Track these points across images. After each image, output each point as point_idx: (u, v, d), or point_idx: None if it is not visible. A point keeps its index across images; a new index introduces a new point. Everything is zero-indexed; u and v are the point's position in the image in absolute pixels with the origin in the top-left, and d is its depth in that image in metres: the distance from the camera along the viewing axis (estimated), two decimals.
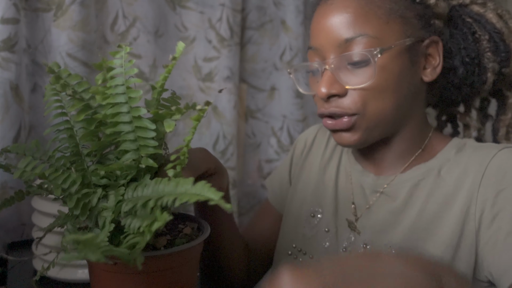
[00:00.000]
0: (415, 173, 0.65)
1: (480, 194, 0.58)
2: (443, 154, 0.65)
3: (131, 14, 1.10)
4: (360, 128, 0.62)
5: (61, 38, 0.95)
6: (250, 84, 1.34)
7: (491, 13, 0.68)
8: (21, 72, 0.90)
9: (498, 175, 0.58)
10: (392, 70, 0.60)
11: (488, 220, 0.57)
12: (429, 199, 0.63)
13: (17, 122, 0.90)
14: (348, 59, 0.61)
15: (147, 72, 1.13)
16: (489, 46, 0.67)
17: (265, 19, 1.32)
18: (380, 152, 0.68)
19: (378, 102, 0.61)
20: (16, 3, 0.87)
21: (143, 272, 0.41)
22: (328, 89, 0.61)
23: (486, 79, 0.68)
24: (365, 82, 0.60)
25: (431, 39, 0.64)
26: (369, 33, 0.59)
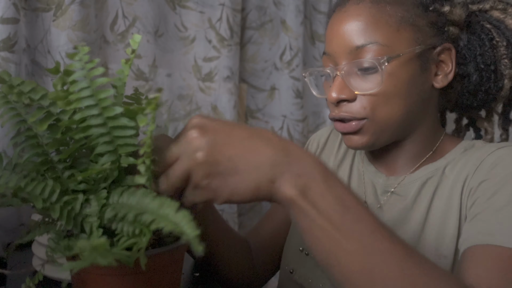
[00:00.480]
0: (424, 172, 0.67)
1: (469, 184, 0.61)
2: (451, 154, 0.67)
3: (131, 14, 1.10)
4: (369, 132, 0.64)
5: (61, 38, 0.95)
6: (250, 84, 1.34)
7: (511, 19, 0.68)
8: (20, 72, 0.90)
9: (487, 168, 0.60)
10: (401, 77, 0.62)
11: (469, 208, 0.59)
12: (435, 196, 0.65)
13: None
14: (358, 66, 0.62)
15: (147, 72, 1.13)
16: (506, 53, 0.67)
17: (265, 19, 1.32)
18: (392, 154, 0.70)
19: (386, 107, 0.62)
20: (15, 3, 0.87)
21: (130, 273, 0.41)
22: (338, 94, 0.63)
23: (502, 85, 0.69)
24: (373, 89, 0.61)
25: (444, 46, 0.64)
26: (379, 41, 0.61)
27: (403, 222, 0.66)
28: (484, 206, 0.57)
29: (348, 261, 0.42)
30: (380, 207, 0.69)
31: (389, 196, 0.69)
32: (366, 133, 0.64)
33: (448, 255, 0.61)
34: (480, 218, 0.56)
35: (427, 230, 0.64)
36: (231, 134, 0.42)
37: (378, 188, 0.71)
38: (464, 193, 0.61)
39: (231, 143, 0.42)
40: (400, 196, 0.68)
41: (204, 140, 0.41)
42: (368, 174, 0.74)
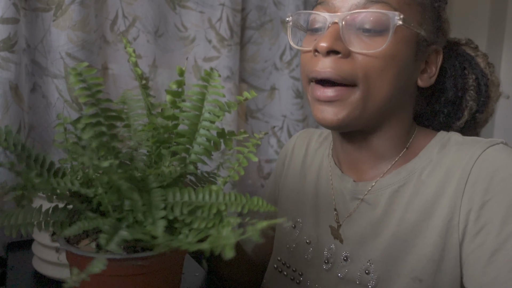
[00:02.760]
0: (396, 178, 0.61)
1: (463, 203, 0.54)
2: (425, 152, 0.61)
3: (131, 14, 1.10)
4: (351, 104, 0.56)
5: (61, 38, 0.95)
6: (250, 84, 1.34)
7: (481, 59, 0.69)
8: (20, 72, 0.90)
9: (483, 182, 0.53)
10: (401, 50, 0.56)
11: (473, 233, 0.53)
12: (408, 207, 0.58)
13: (16, 122, 0.89)
14: (362, 23, 0.55)
15: (147, 72, 1.13)
16: (474, 85, 0.67)
17: (265, 19, 1.32)
18: (360, 153, 0.64)
19: (379, 77, 0.55)
20: (15, 3, 0.87)
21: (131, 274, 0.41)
22: (331, 43, 0.54)
23: (461, 115, 0.67)
24: (376, 48, 0.54)
25: (436, 47, 0.62)
26: (391, 2, 0.55)
27: (373, 236, 0.60)
28: (501, 239, 0.51)
29: None
30: (349, 216, 0.64)
31: (358, 204, 0.63)
32: (347, 105, 0.56)
33: (425, 279, 0.55)
34: (506, 260, 0.50)
35: (400, 248, 0.58)
36: None
37: (347, 194, 0.65)
38: (456, 214, 0.54)
39: None
40: (369, 205, 0.62)
41: None
42: (336, 178, 0.68)
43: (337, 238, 0.65)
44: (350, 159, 0.66)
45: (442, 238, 0.55)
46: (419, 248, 0.56)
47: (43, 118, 0.98)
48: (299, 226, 0.71)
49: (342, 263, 0.63)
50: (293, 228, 0.72)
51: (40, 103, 0.98)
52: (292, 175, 0.77)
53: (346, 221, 0.65)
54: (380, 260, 0.59)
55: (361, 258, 0.61)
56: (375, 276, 0.59)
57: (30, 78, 0.96)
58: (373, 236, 0.61)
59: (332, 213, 0.67)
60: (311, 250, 0.68)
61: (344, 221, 0.65)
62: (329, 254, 0.65)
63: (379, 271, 0.59)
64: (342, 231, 0.65)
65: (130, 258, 0.40)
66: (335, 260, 0.64)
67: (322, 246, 0.66)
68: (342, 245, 0.64)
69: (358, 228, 0.63)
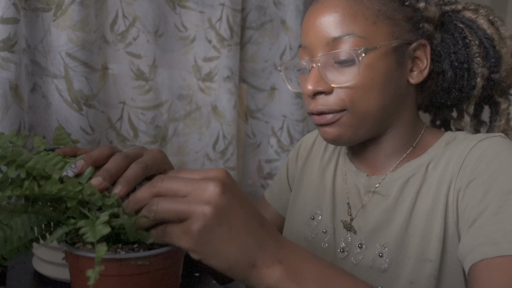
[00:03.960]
0: (405, 170, 0.66)
1: (456, 185, 0.59)
2: (433, 149, 0.66)
3: (131, 14, 1.10)
4: (345, 124, 0.63)
5: (61, 38, 0.95)
6: (250, 84, 1.34)
7: (483, 19, 0.69)
8: (20, 72, 0.90)
9: (472, 165, 0.58)
10: (378, 70, 0.61)
11: (462, 211, 0.58)
12: (418, 196, 0.63)
13: (16, 122, 0.89)
14: (335, 58, 0.62)
15: (146, 72, 1.13)
16: (479, 52, 0.68)
17: (265, 19, 1.32)
18: (372, 152, 0.69)
19: (364, 101, 0.62)
20: (15, 3, 0.87)
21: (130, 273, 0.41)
22: (314, 86, 0.62)
23: (475, 84, 0.69)
24: (350, 81, 0.61)
25: (419, 42, 0.64)
26: (356, 32, 0.61)
27: (386, 223, 0.65)
28: (479, 210, 0.55)
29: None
30: (363, 207, 0.69)
31: (371, 196, 0.68)
32: (342, 125, 0.63)
33: (434, 259, 0.59)
34: (479, 226, 0.54)
35: (411, 232, 0.62)
36: (242, 206, 0.42)
37: (361, 188, 0.70)
38: (450, 194, 0.60)
39: (238, 215, 0.41)
40: (382, 196, 0.67)
41: (220, 198, 0.40)
42: (350, 173, 0.73)
43: (350, 230, 0.69)
44: (363, 157, 0.72)
45: (443, 219, 0.59)
46: (429, 231, 0.60)
47: (43, 118, 0.98)
48: (317, 218, 0.75)
49: (357, 251, 0.67)
50: (312, 219, 0.76)
51: (40, 103, 0.98)
52: (312, 170, 0.81)
53: (360, 213, 0.69)
54: (393, 244, 0.63)
55: (375, 244, 0.65)
56: (387, 259, 0.63)
57: (30, 78, 0.96)
58: (386, 223, 0.65)
59: (345, 207, 0.71)
60: (327, 239, 0.72)
61: (358, 213, 0.69)
62: (345, 244, 0.69)
63: (392, 254, 0.63)
64: (355, 223, 0.69)
65: (130, 258, 0.40)
66: (350, 248, 0.68)
67: (338, 237, 0.70)
68: (356, 235, 0.68)
69: (372, 217, 0.67)
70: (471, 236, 0.54)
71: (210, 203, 0.40)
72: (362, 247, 0.66)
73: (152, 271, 0.42)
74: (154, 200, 0.41)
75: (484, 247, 0.52)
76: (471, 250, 0.53)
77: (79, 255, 0.41)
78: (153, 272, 0.42)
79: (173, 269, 0.45)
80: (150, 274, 0.42)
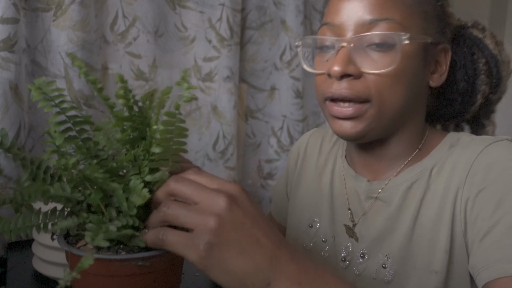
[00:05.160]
0: (408, 175, 0.63)
1: (464, 194, 0.57)
2: (437, 151, 0.64)
3: (131, 14, 1.10)
4: (367, 119, 0.59)
5: (61, 38, 0.95)
6: (250, 84, 1.34)
7: (489, 40, 0.68)
8: (20, 72, 0.90)
9: (481, 173, 0.56)
10: (411, 62, 0.58)
11: (471, 222, 0.55)
12: (422, 203, 0.61)
13: (16, 122, 0.89)
14: (370, 41, 0.57)
15: (146, 72, 1.13)
16: (485, 69, 0.67)
17: (265, 19, 1.32)
18: (377, 154, 0.66)
19: (390, 92, 0.58)
20: (15, 3, 0.87)
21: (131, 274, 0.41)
22: (343, 68, 0.57)
23: (475, 100, 0.68)
24: (386, 67, 0.57)
25: (444, 46, 0.63)
26: (395, 18, 0.57)
27: (389, 232, 0.62)
28: (492, 222, 0.52)
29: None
30: (364, 215, 0.66)
31: (373, 202, 0.65)
32: (363, 120, 0.59)
33: (440, 270, 0.57)
34: (494, 240, 0.52)
35: (416, 242, 0.60)
36: (254, 222, 0.41)
37: (361, 194, 0.67)
38: (457, 203, 0.57)
39: (248, 231, 0.40)
40: (384, 203, 0.64)
41: (227, 213, 0.39)
42: (349, 178, 0.70)
43: (352, 237, 0.66)
44: (364, 160, 0.68)
45: (450, 229, 0.57)
46: (435, 241, 0.58)
47: (43, 118, 0.98)
48: (316, 225, 0.73)
49: (359, 260, 0.64)
50: (310, 227, 0.73)
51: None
52: (307, 175, 0.78)
53: (362, 220, 0.66)
54: (397, 255, 0.61)
55: (378, 254, 0.63)
56: (391, 270, 0.61)
57: (30, 78, 0.96)
58: (389, 231, 0.62)
59: (346, 213, 0.69)
60: (327, 248, 0.70)
61: (360, 220, 0.66)
62: (346, 253, 0.67)
63: (396, 265, 0.60)
64: (357, 230, 0.66)
65: (130, 258, 0.40)
66: (352, 258, 0.66)
67: (338, 245, 0.68)
68: (358, 243, 0.66)
69: (374, 225, 0.64)
70: (486, 250, 0.52)
71: (217, 216, 0.39)
72: (364, 257, 0.64)
73: (152, 272, 0.42)
74: (168, 202, 0.41)
75: (502, 264, 0.50)
76: (486, 266, 0.51)
77: (80, 255, 0.41)
78: (153, 272, 0.42)
79: (173, 269, 0.45)
80: (150, 274, 0.42)
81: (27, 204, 0.44)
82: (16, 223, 0.42)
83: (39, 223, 0.43)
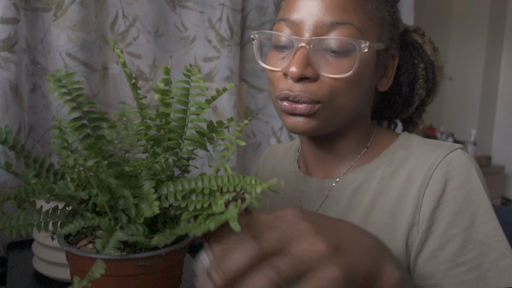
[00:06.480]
0: (358, 175, 0.64)
1: (423, 205, 0.58)
2: (387, 153, 0.65)
3: (131, 14, 1.10)
4: (320, 117, 0.59)
5: (61, 38, 0.95)
6: (250, 84, 1.34)
7: (428, 45, 0.70)
8: (20, 72, 0.90)
9: (439, 187, 0.57)
10: (366, 68, 0.59)
11: (422, 230, 0.57)
12: (374, 205, 0.61)
13: (16, 122, 0.89)
14: (328, 45, 0.57)
15: (147, 72, 1.13)
16: (423, 74, 0.69)
17: (265, 19, 1.32)
18: (327, 151, 0.67)
19: (344, 96, 0.58)
20: (16, 3, 0.87)
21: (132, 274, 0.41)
22: (302, 70, 0.56)
23: (412, 103, 0.70)
24: (344, 73, 0.56)
25: (393, 52, 0.65)
26: (355, 23, 0.57)
27: None
28: (444, 240, 0.55)
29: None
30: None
31: (323, 200, 0.66)
32: (316, 117, 0.59)
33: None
34: (446, 257, 0.55)
35: None
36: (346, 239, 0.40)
37: (311, 193, 0.68)
38: (417, 212, 0.58)
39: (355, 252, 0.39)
40: (333, 201, 0.65)
41: (335, 258, 0.37)
42: (300, 181, 0.71)
43: None
44: (316, 159, 0.69)
45: (404, 236, 0.58)
46: (388, 244, 0.59)
47: (43, 118, 0.98)
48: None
49: None
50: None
51: (40, 103, 0.98)
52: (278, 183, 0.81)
53: None
54: None
55: None
56: None
57: (30, 78, 0.96)
58: None
59: None
60: None
61: None
62: None
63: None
64: None
65: (130, 259, 0.41)
66: None
67: None
68: None
69: None
70: (433, 264, 0.55)
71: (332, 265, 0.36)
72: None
73: (152, 272, 0.42)
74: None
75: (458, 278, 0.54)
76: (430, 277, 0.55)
77: (80, 255, 0.42)
78: (153, 272, 0.42)
79: (174, 269, 0.45)
80: (151, 274, 0.42)
81: (31, 201, 0.44)
82: (17, 220, 0.42)
83: (40, 221, 0.43)
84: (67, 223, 0.43)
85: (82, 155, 0.45)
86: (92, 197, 0.43)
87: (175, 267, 0.45)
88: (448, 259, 0.55)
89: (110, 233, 0.40)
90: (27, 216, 0.43)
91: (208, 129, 0.48)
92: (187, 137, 0.47)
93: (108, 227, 0.41)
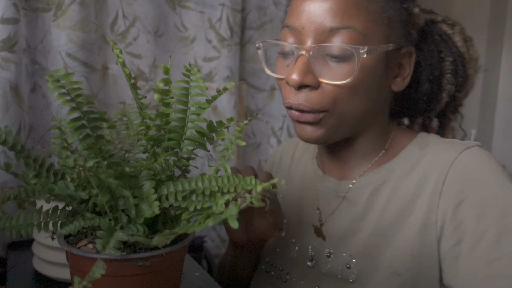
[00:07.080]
0: (376, 176, 0.64)
1: (441, 203, 0.56)
2: (405, 153, 0.64)
3: (131, 14, 1.10)
4: (326, 125, 0.59)
5: (61, 38, 0.95)
6: (250, 84, 1.34)
7: (458, 36, 0.67)
8: (20, 72, 0.90)
9: (458, 183, 0.56)
10: (370, 72, 0.57)
11: (449, 231, 0.55)
12: (387, 205, 0.61)
13: (16, 122, 0.89)
14: (330, 51, 0.56)
15: (147, 72, 1.13)
16: (451, 68, 0.66)
17: (265, 19, 1.32)
18: (343, 154, 0.67)
19: (349, 102, 0.57)
20: (16, 3, 0.87)
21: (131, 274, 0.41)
22: (302, 78, 0.56)
23: (440, 99, 0.68)
24: (343, 80, 0.56)
25: (408, 49, 0.62)
26: (357, 27, 0.55)
27: (353, 233, 0.62)
28: (476, 236, 0.53)
29: None
30: (332, 214, 0.66)
31: (340, 202, 0.66)
32: (323, 126, 0.59)
33: (403, 273, 0.57)
34: (481, 255, 0.52)
35: (379, 243, 0.60)
36: None
37: (329, 193, 0.68)
38: (433, 212, 0.57)
39: None
40: (351, 202, 0.65)
41: None
42: (318, 179, 0.71)
43: (319, 236, 0.67)
44: (333, 160, 0.69)
45: (420, 235, 0.57)
46: (398, 243, 0.58)
47: (43, 118, 0.98)
48: (285, 228, 0.73)
49: (325, 260, 0.65)
50: (280, 230, 0.74)
51: (40, 103, 0.98)
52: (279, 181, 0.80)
53: (329, 219, 0.67)
54: (360, 255, 0.61)
55: (342, 254, 0.63)
56: (355, 270, 0.61)
57: (30, 78, 0.96)
58: (354, 232, 0.63)
59: (315, 213, 0.69)
60: (296, 249, 0.70)
61: (327, 219, 0.67)
62: (313, 252, 0.67)
63: (360, 265, 0.61)
64: (325, 229, 0.67)
65: (130, 259, 0.41)
66: (318, 257, 0.66)
67: (306, 245, 0.68)
68: (325, 243, 0.66)
69: (340, 225, 0.65)
70: (471, 265, 0.53)
71: None
72: (330, 257, 0.64)
73: (152, 272, 0.42)
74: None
75: (492, 281, 0.51)
76: (479, 279, 0.52)
77: (80, 255, 0.42)
78: (153, 272, 0.42)
79: (173, 269, 0.45)
80: (150, 274, 0.42)
81: (31, 201, 0.44)
82: (17, 220, 0.42)
83: (40, 221, 0.43)
84: (67, 223, 0.43)
85: (82, 155, 0.45)
86: (92, 197, 0.43)
87: (175, 267, 0.46)
88: (485, 254, 0.53)
89: (110, 233, 0.40)
90: (27, 216, 0.43)
91: (208, 129, 0.48)
92: (187, 137, 0.47)
93: (108, 227, 0.41)
